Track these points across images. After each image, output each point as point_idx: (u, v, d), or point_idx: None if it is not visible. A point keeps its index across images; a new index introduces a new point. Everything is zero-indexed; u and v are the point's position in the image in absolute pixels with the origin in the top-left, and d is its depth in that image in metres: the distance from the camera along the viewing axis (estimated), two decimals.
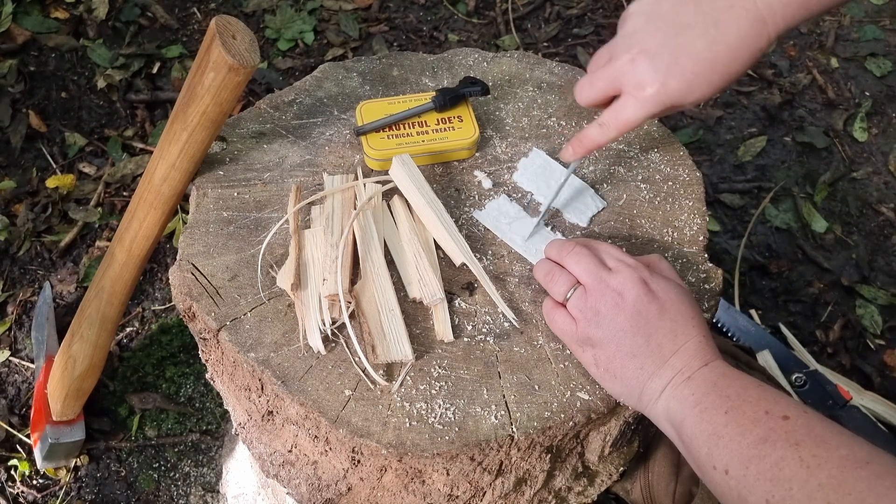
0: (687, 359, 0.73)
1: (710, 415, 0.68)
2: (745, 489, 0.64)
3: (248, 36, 0.85)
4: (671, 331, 0.75)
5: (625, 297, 0.75)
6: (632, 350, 0.75)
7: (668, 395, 0.73)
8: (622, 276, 0.77)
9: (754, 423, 0.66)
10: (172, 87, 2.02)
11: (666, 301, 0.76)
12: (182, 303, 0.86)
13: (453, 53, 1.12)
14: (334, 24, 2.21)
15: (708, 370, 0.72)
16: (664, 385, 0.73)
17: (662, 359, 0.74)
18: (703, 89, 0.78)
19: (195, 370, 1.55)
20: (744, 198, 1.92)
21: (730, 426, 0.67)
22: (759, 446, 0.64)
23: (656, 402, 0.74)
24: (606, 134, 0.84)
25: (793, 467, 0.62)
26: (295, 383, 0.78)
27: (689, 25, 0.76)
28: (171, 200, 0.99)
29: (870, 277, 1.79)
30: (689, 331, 0.75)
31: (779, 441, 0.64)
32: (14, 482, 1.42)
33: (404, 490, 0.82)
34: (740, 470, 0.64)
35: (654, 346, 0.74)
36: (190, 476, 1.45)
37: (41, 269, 1.69)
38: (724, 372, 0.72)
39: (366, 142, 0.96)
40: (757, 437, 0.65)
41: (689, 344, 0.74)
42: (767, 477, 0.62)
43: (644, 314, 0.75)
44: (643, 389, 0.74)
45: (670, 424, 0.73)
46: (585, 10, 2.30)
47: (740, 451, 0.65)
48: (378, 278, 0.84)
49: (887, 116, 2.10)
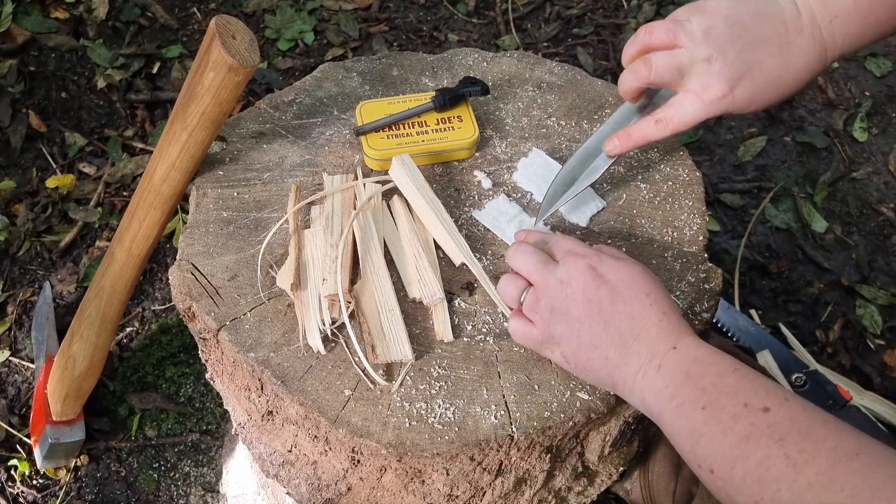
0: (651, 343, 0.70)
1: (687, 411, 0.66)
2: (732, 489, 0.62)
3: (247, 36, 0.85)
4: (627, 314, 0.72)
5: (573, 288, 0.73)
6: (592, 341, 0.72)
7: (640, 385, 0.70)
8: (567, 266, 0.74)
9: (734, 420, 0.63)
10: (172, 87, 2.02)
11: (617, 283, 0.73)
12: (182, 303, 0.86)
13: (453, 53, 1.12)
14: (334, 24, 2.21)
15: (678, 355, 0.69)
16: (634, 374, 0.70)
17: (625, 346, 0.71)
18: (761, 104, 0.81)
19: (195, 370, 1.55)
20: (744, 198, 1.92)
21: (709, 424, 0.64)
22: (741, 445, 0.61)
23: (631, 391, 0.71)
24: (663, 131, 0.84)
25: (779, 466, 0.59)
26: (295, 383, 0.78)
27: (766, 42, 0.79)
28: (171, 200, 0.99)
29: (870, 277, 1.79)
30: (647, 310, 0.72)
31: (762, 438, 0.61)
32: (14, 482, 1.42)
33: (404, 490, 0.82)
34: (725, 471, 0.62)
35: (612, 333, 0.71)
36: (190, 476, 1.45)
37: (41, 269, 1.69)
38: (696, 356, 0.68)
39: (365, 142, 0.96)
40: (739, 435, 0.62)
41: (649, 325, 0.71)
42: (754, 478, 0.60)
43: (595, 301, 0.72)
44: (614, 380, 0.72)
45: (649, 414, 0.70)
46: (585, 10, 2.30)
47: (723, 452, 0.63)
48: (378, 278, 0.84)
49: (887, 116, 2.10)
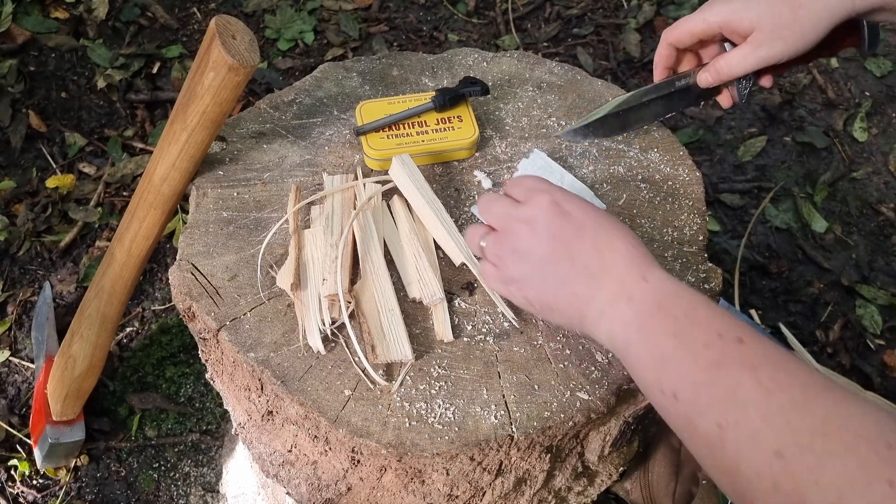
0: (620, 275, 0.69)
1: (657, 338, 0.64)
2: (694, 413, 0.60)
3: (247, 36, 0.85)
4: (594, 248, 0.70)
5: (537, 225, 0.72)
6: (558, 278, 0.71)
7: (609, 318, 0.68)
8: (531, 205, 0.73)
9: (706, 347, 0.61)
10: (172, 87, 2.02)
11: (583, 219, 0.72)
12: (182, 303, 0.86)
13: (453, 53, 1.12)
14: (334, 24, 2.21)
15: (649, 288, 0.67)
16: (603, 307, 0.69)
17: (593, 279, 0.70)
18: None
19: (195, 370, 1.55)
20: (744, 198, 1.92)
21: (679, 350, 0.62)
22: (711, 371, 0.60)
23: (598, 325, 0.69)
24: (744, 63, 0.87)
25: (750, 391, 0.57)
26: (294, 383, 0.78)
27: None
28: (171, 200, 0.99)
29: (870, 277, 1.79)
30: (615, 243, 0.70)
31: (734, 365, 0.59)
32: (14, 482, 1.42)
33: (404, 490, 0.82)
34: (690, 395, 0.60)
35: (580, 269, 0.70)
36: (190, 476, 1.45)
37: (41, 269, 1.69)
38: (668, 289, 0.67)
39: (365, 142, 0.96)
40: (709, 361, 0.60)
41: (616, 258, 0.70)
42: (721, 402, 0.58)
43: (561, 237, 0.71)
44: (583, 316, 0.70)
45: (615, 348, 0.69)
46: (585, 10, 2.30)
47: (691, 376, 0.61)
48: (378, 278, 0.84)
49: (887, 116, 2.10)
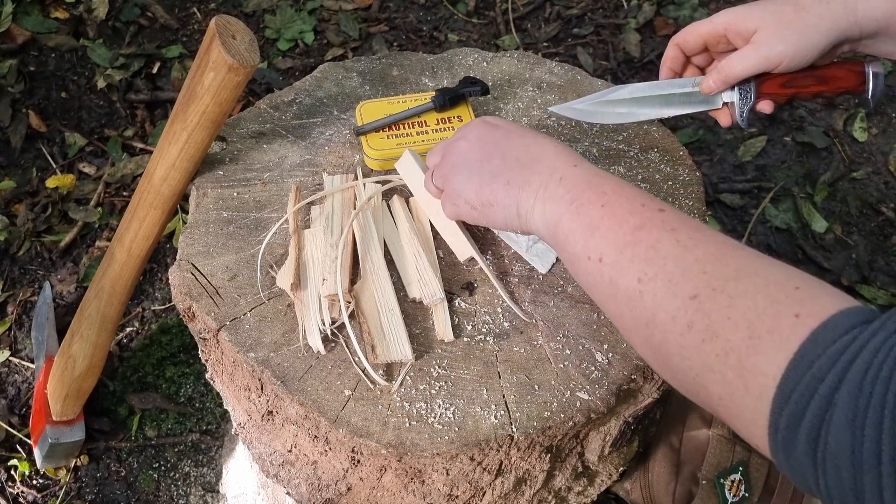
0: (551, 161, 0.74)
1: (587, 209, 0.69)
2: (617, 273, 0.64)
3: (247, 36, 0.85)
4: (523, 145, 0.76)
5: (469, 138, 0.79)
6: (492, 172, 0.76)
7: (542, 197, 0.72)
8: (463, 128, 0.81)
9: (630, 214, 0.66)
10: (172, 87, 2.02)
11: (511, 128, 0.79)
12: (182, 303, 0.86)
13: (453, 53, 1.12)
14: (334, 24, 2.21)
15: (580, 171, 0.72)
16: (536, 190, 0.73)
17: (524, 168, 0.75)
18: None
19: (195, 370, 1.55)
20: (744, 198, 1.92)
21: (606, 218, 0.67)
22: (634, 233, 0.64)
23: (532, 209, 0.73)
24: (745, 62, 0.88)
25: (668, 247, 0.62)
26: (294, 383, 0.78)
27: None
28: (171, 200, 0.99)
29: (870, 277, 1.79)
30: (541, 139, 0.77)
31: (654, 228, 0.64)
32: (14, 482, 1.42)
33: (404, 490, 0.82)
34: (614, 256, 0.65)
35: (511, 162, 0.75)
36: (190, 476, 1.45)
37: (41, 269, 1.69)
38: (597, 171, 0.72)
39: (365, 142, 0.96)
40: (633, 225, 0.65)
41: (545, 150, 0.75)
42: (642, 258, 0.62)
43: (491, 141, 0.78)
44: (518, 204, 0.74)
45: (546, 228, 0.73)
46: (585, 10, 2.30)
47: (615, 239, 0.65)
48: (378, 278, 0.84)
49: (887, 116, 2.10)
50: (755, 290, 0.56)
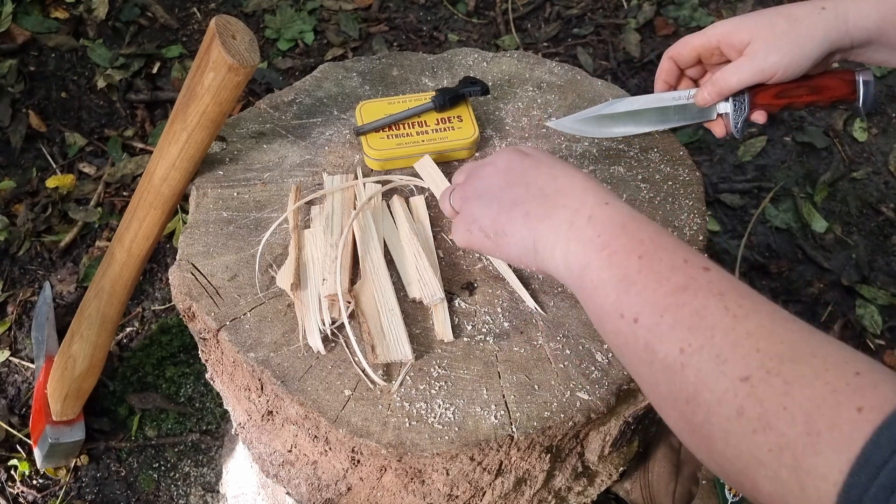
0: (579, 195, 0.67)
1: (621, 258, 0.62)
2: (655, 338, 0.57)
3: (247, 36, 0.85)
4: (550, 175, 0.70)
5: (497, 164, 0.74)
6: (512, 200, 0.70)
7: (566, 236, 0.66)
8: (495, 154, 0.76)
9: (672, 271, 0.59)
10: (172, 87, 2.02)
11: (542, 157, 0.73)
12: (182, 303, 0.86)
13: (453, 53, 1.12)
14: (334, 24, 2.21)
15: (612, 210, 0.65)
16: (559, 226, 0.67)
17: (548, 200, 0.68)
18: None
19: (195, 370, 1.55)
20: (744, 198, 1.92)
21: (644, 272, 0.60)
22: (677, 294, 0.57)
23: (554, 248, 0.67)
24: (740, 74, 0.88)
25: (716, 315, 0.55)
26: (294, 383, 0.78)
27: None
28: (171, 200, 0.99)
29: (870, 277, 1.79)
30: (571, 171, 0.70)
31: (700, 290, 0.57)
32: (14, 482, 1.42)
33: (404, 490, 0.82)
34: (653, 318, 0.58)
35: (534, 191, 0.69)
36: (190, 476, 1.45)
37: (41, 269, 1.69)
38: (632, 214, 0.65)
39: (365, 142, 0.96)
40: (675, 285, 0.58)
41: (574, 183, 0.69)
42: (685, 326, 0.56)
43: (518, 169, 0.72)
44: (536, 238, 0.68)
45: (569, 271, 0.66)
46: (585, 10, 2.30)
47: (655, 299, 0.58)
48: (378, 278, 0.84)
49: (887, 116, 2.10)
50: (814, 376, 0.49)
